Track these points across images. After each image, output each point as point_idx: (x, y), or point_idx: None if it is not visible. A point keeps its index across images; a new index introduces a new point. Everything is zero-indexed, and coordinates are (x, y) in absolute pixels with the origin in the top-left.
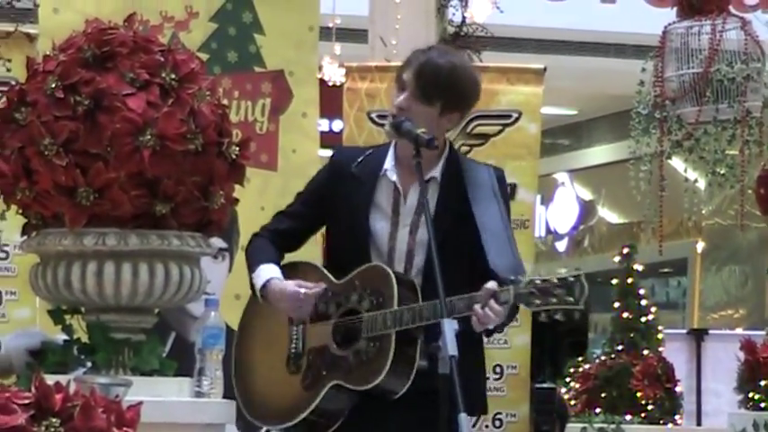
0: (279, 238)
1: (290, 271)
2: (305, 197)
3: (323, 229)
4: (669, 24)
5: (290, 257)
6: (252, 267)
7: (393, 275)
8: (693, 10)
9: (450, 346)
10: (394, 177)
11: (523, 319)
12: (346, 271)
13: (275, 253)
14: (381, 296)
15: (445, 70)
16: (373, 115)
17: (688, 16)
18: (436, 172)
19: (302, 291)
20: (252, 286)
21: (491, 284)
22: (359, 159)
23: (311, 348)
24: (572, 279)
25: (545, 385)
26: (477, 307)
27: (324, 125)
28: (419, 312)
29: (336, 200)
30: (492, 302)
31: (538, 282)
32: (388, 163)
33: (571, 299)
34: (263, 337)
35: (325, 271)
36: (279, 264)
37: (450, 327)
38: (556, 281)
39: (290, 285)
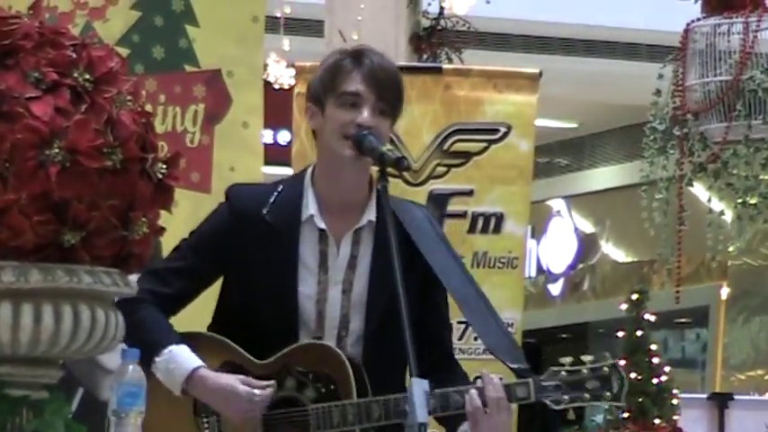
0: (165, 304)
1: (190, 347)
2: (199, 249)
3: None
4: (693, 21)
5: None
6: (149, 347)
7: (345, 357)
8: (722, 4)
9: (420, 411)
10: (322, 224)
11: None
12: (264, 344)
13: (172, 327)
14: (332, 383)
15: (397, 74)
16: None
17: (716, 12)
18: (371, 213)
19: (256, 391)
20: (146, 369)
21: (490, 377)
22: (269, 201)
23: None
24: (607, 369)
25: None
26: (478, 405)
27: (268, 136)
28: (393, 405)
29: (247, 255)
30: (500, 400)
31: (564, 373)
32: (311, 206)
33: (609, 393)
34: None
35: (237, 347)
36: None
37: (419, 387)
38: (587, 371)
39: (235, 382)
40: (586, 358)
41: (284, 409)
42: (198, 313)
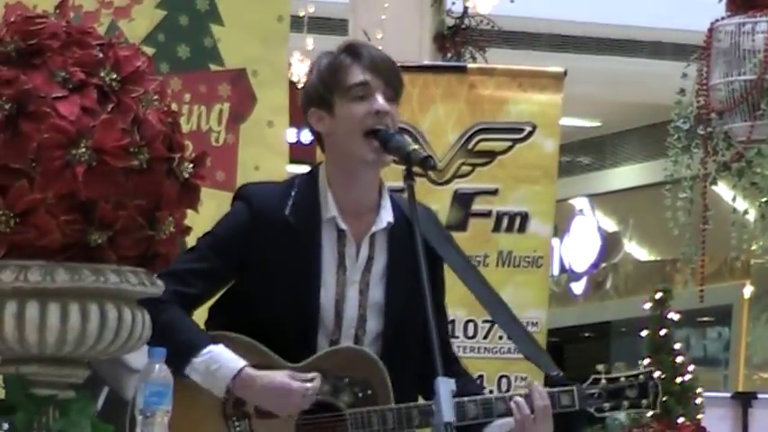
0: (189, 306)
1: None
2: (220, 249)
3: None
4: (717, 20)
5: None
6: (184, 348)
7: (381, 362)
8: (747, 3)
9: (447, 410)
10: (343, 225)
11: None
12: (282, 343)
13: (202, 329)
14: (369, 388)
15: (393, 61)
16: None
17: (740, 10)
18: (388, 215)
19: (309, 386)
20: (179, 371)
21: (537, 385)
22: (289, 202)
23: None
24: (644, 378)
25: None
26: (527, 413)
27: (291, 135)
28: (430, 408)
29: (268, 255)
30: (546, 408)
31: (604, 381)
32: (331, 206)
33: (645, 401)
34: None
35: (263, 348)
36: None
37: (446, 387)
38: (625, 380)
39: (283, 378)
40: (622, 369)
41: (319, 413)
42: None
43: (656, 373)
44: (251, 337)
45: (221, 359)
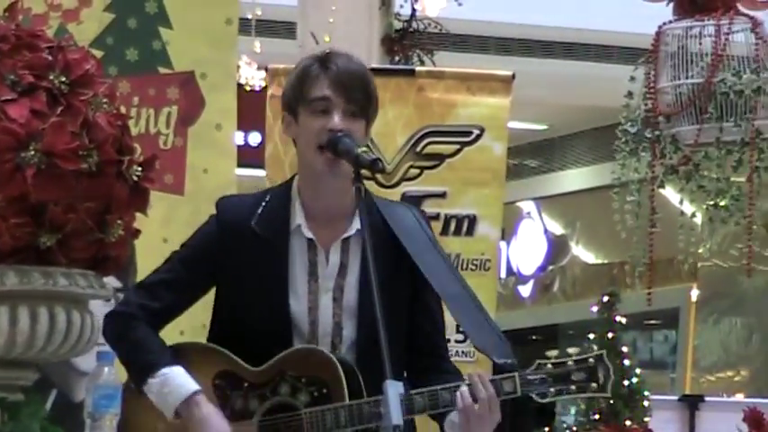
0: (156, 318)
1: (180, 358)
2: (188, 262)
3: None
4: (664, 24)
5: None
6: (142, 366)
7: (337, 361)
8: (694, 7)
9: (395, 413)
10: (309, 234)
11: None
12: (259, 353)
13: (164, 345)
14: (325, 387)
15: (365, 75)
16: None
17: (687, 14)
18: (358, 221)
19: None
20: (138, 388)
21: (478, 375)
22: (257, 212)
23: None
24: (593, 360)
25: None
26: (469, 402)
27: (239, 138)
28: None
29: (237, 267)
30: (490, 399)
31: (550, 366)
32: (298, 215)
33: (594, 384)
34: None
35: (232, 355)
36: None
37: (394, 390)
38: (573, 364)
39: (224, 427)
40: (572, 350)
41: (280, 415)
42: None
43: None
44: (236, 346)
45: (173, 383)
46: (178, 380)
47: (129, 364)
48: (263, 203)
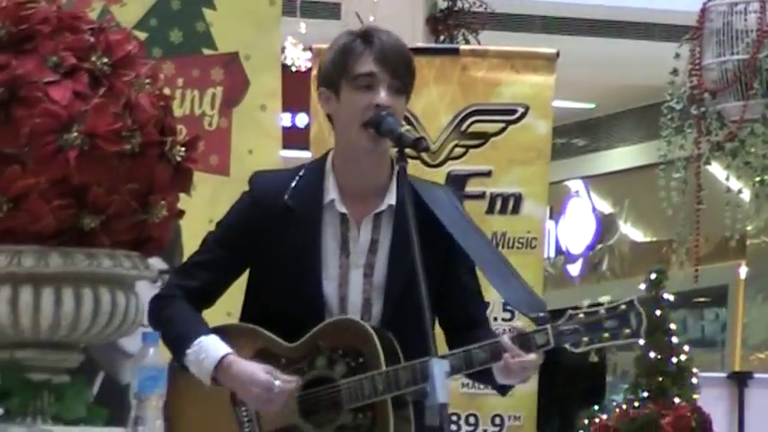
0: (195, 298)
1: (222, 339)
2: (223, 240)
3: None
4: (709, 1)
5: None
6: (180, 340)
7: (372, 329)
8: None
9: (441, 391)
10: (343, 209)
11: None
12: (292, 329)
13: (203, 320)
14: (360, 356)
15: (407, 51)
16: None
17: None
18: (391, 197)
19: (277, 382)
20: (180, 363)
21: (518, 326)
22: (291, 186)
23: (273, 431)
24: (624, 307)
25: None
26: (508, 356)
27: (286, 120)
28: (419, 369)
29: (270, 242)
30: (519, 349)
31: (582, 315)
32: (332, 190)
33: (628, 330)
34: (199, 424)
35: (269, 333)
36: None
37: (440, 368)
38: (604, 312)
39: (258, 369)
40: (604, 299)
41: (318, 387)
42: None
43: (650, 354)
44: (269, 323)
45: (208, 349)
46: (211, 345)
47: (169, 340)
48: (297, 178)
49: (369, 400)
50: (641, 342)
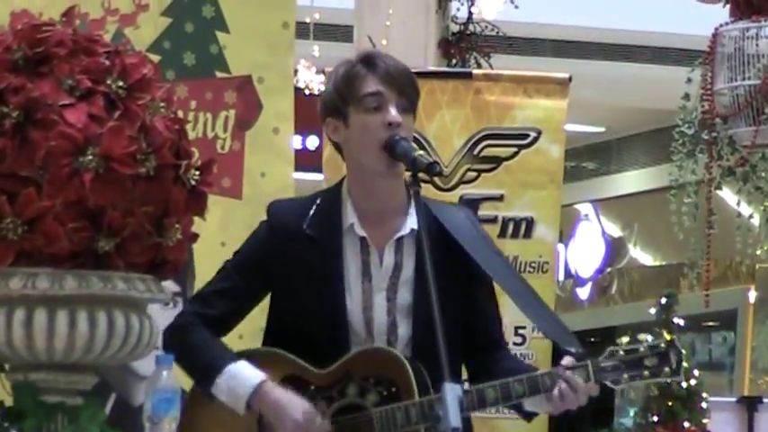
0: (214, 326)
1: (251, 364)
2: (241, 268)
3: None
4: (721, 25)
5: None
6: (207, 369)
7: (405, 359)
8: (751, 8)
9: (453, 416)
10: (362, 232)
11: None
12: (317, 354)
13: (226, 346)
14: (393, 385)
15: (410, 71)
16: None
17: (744, 15)
18: (413, 221)
19: (318, 420)
20: (207, 392)
21: (567, 360)
22: (309, 215)
23: None
24: (664, 346)
25: None
26: (564, 386)
27: (296, 142)
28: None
29: (291, 270)
30: (575, 379)
31: (622, 353)
32: (351, 215)
33: (667, 369)
34: None
35: (296, 358)
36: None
37: (452, 393)
38: (644, 349)
39: (298, 399)
40: (642, 337)
41: (348, 415)
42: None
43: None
44: (289, 349)
45: (240, 376)
46: (245, 372)
47: (193, 369)
48: (315, 206)
49: (402, 431)
50: (682, 381)
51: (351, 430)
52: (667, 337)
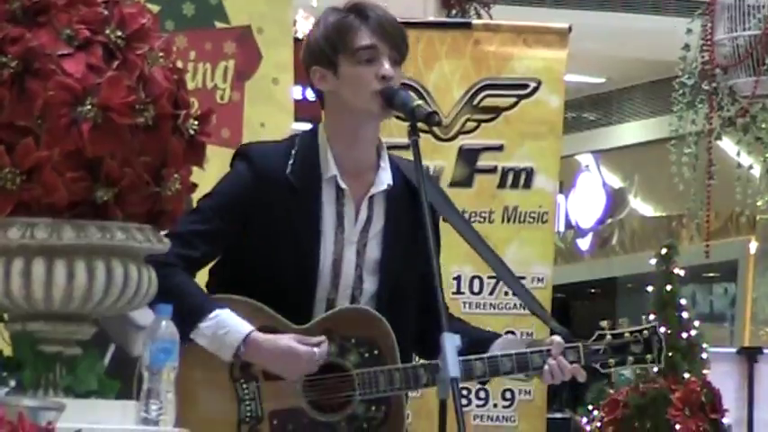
0: (192, 269)
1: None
2: (223, 212)
3: None
4: None
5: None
6: (190, 312)
7: (387, 322)
8: None
9: (452, 365)
10: (344, 185)
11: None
12: (277, 306)
13: (207, 293)
14: (375, 348)
15: (399, 23)
16: None
17: None
18: (388, 177)
19: (316, 350)
20: (185, 335)
21: (558, 339)
22: (290, 162)
23: (274, 411)
24: (647, 333)
25: (558, 415)
26: (552, 361)
27: (296, 92)
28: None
29: (270, 216)
30: (563, 362)
31: (609, 338)
32: (331, 166)
33: (650, 356)
34: (197, 397)
35: (269, 310)
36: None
37: (451, 343)
38: (630, 336)
39: (290, 342)
40: (624, 321)
41: (325, 374)
42: None
43: (661, 329)
44: (251, 294)
45: (229, 324)
46: (233, 320)
47: (175, 311)
48: (294, 152)
49: (383, 394)
50: (660, 366)
51: (329, 390)
52: (650, 324)
